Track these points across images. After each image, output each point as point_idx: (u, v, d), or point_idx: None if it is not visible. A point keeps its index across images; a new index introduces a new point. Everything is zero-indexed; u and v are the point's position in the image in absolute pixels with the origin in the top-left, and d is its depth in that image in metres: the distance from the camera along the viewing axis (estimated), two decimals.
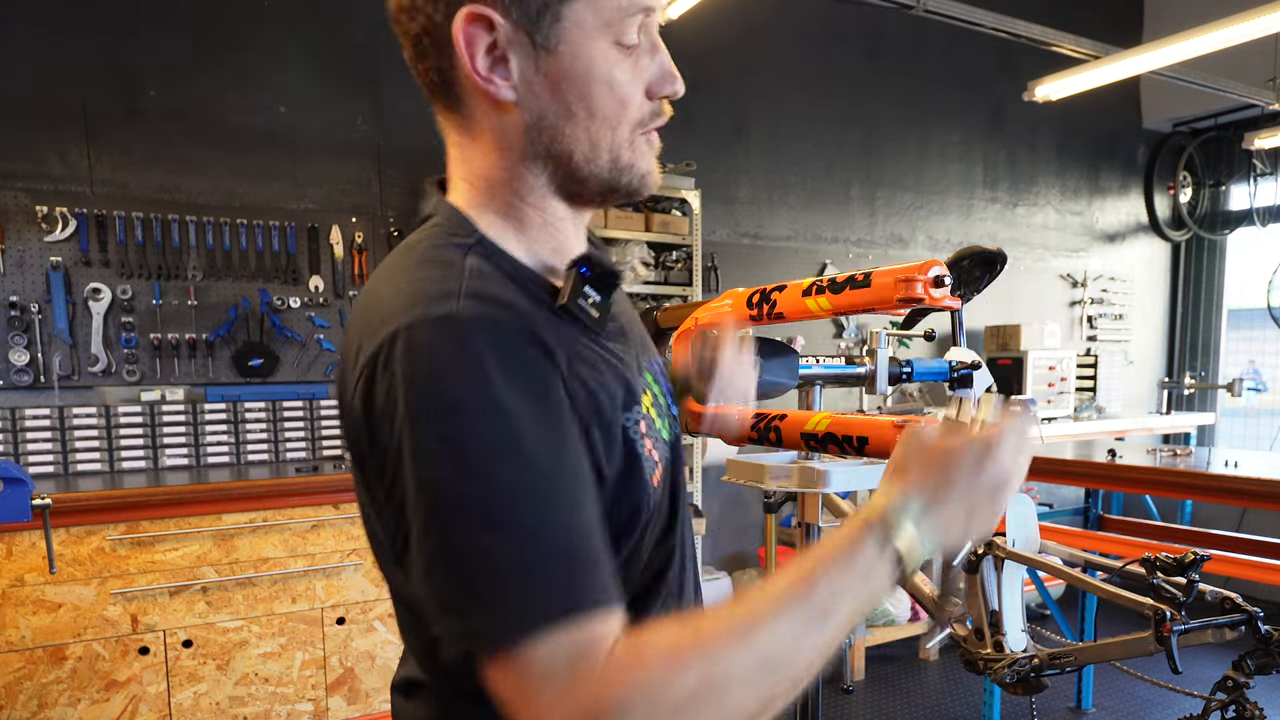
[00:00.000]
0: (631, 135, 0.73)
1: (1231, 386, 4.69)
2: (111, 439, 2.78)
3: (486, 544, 0.57)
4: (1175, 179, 5.68)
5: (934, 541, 0.67)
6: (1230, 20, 2.85)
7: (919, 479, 0.68)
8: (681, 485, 0.84)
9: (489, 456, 0.58)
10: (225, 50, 3.03)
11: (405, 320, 0.61)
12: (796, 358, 1.11)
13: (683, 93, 0.75)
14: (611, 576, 0.61)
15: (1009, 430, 0.70)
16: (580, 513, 0.61)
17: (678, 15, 2.74)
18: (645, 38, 0.73)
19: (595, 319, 0.72)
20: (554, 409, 0.62)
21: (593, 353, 0.71)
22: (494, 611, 0.57)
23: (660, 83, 0.74)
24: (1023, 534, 1.37)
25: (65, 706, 2.32)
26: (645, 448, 0.72)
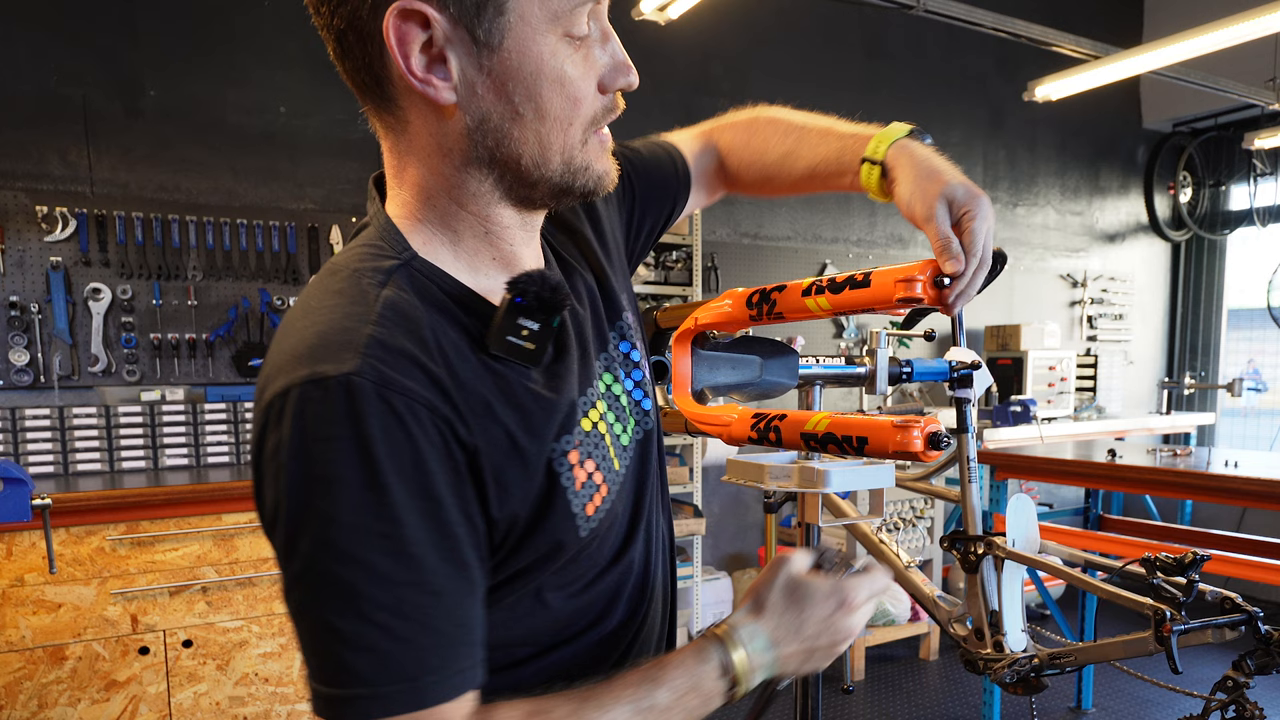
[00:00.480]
0: (585, 134, 0.68)
1: (1231, 386, 4.68)
2: (111, 439, 2.78)
3: (341, 628, 0.58)
4: (1175, 179, 5.68)
5: (769, 672, 0.72)
6: (1230, 20, 2.84)
7: (773, 613, 0.73)
8: (648, 490, 0.82)
9: (355, 542, 0.58)
10: (225, 50, 3.03)
11: (301, 375, 0.59)
12: (796, 358, 1.11)
13: (637, 84, 0.70)
14: (468, 659, 0.62)
15: (866, 590, 0.75)
16: (440, 603, 0.60)
17: (678, 15, 2.74)
18: (595, 26, 0.67)
19: (530, 352, 0.67)
20: (432, 489, 0.60)
21: (520, 389, 0.67)
22: (337, 693, 0.58)
23: (613, 75, 0.69)
24: (1023, 534, 1.37)
25: (65, 706, 2.32)
26: (575, 478, 0.70)
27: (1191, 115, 5.47)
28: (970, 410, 1.35)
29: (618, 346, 0.83)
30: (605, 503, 0.73)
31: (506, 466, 0.65)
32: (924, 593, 1.54)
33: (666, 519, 0.91)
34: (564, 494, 0.69)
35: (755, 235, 4.21)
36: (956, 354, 1.25)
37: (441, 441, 0.61)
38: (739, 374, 1.12)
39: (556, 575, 0.72)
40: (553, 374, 0.71)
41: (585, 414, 0.73)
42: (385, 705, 0.58)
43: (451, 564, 0.61)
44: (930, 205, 0.81)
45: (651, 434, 0.84)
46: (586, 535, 0.71)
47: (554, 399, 0.69)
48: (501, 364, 0.67)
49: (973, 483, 1.39)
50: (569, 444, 0.70)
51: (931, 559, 3.90)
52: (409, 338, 0.62)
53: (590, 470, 0.71)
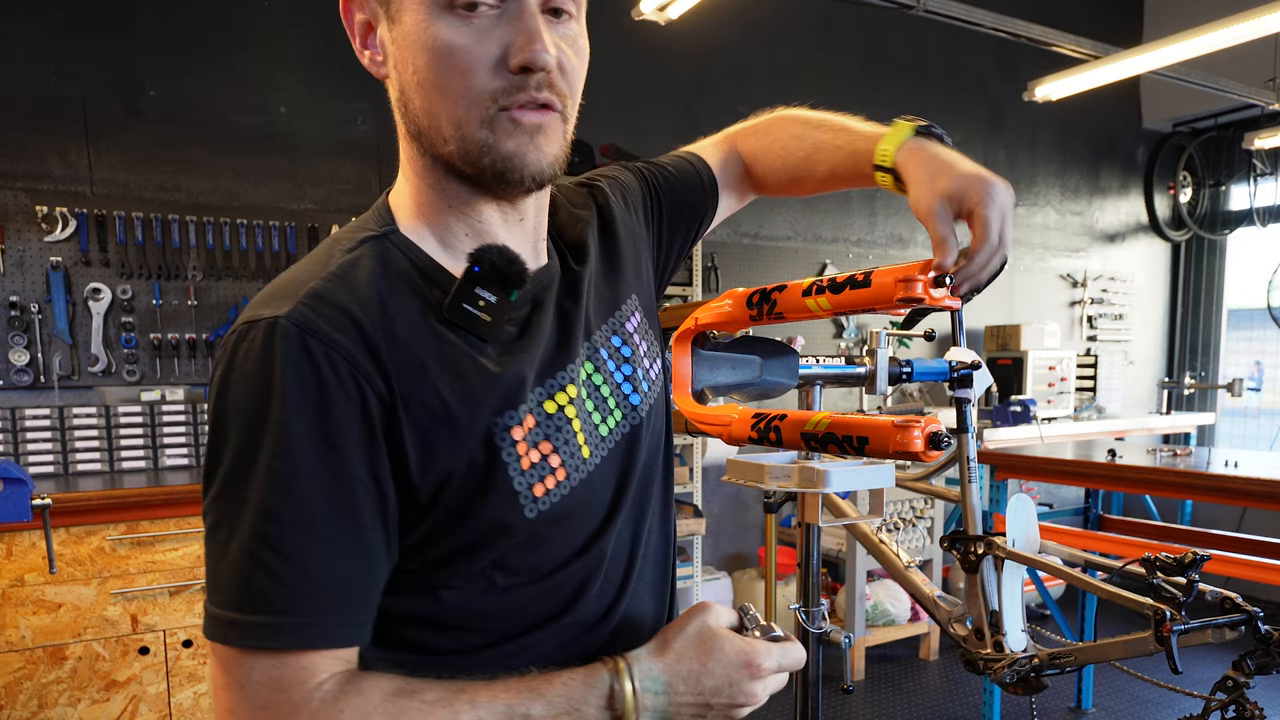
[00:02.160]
0: (484, 111, 0.66)
1: (1231, 386, 4.68)
2: (111, 439, 2.78)
3: (234, 550, 0.61)
4: (1175, 179, 5.68)
5: (656, 717, 0.69)
6: (1230, 20, 2.84)
7: (676, 659, 0.70)
8: (631, 484, 0.80)
9: (251, 475, 0.61)
10: (225, 50, 3.03)
11: (246, 317, 0.65)
12: (796, 358, 1.11)
13: (541, 60, 0.65)
14: (346, 617, 0.63)
15: (777, 659, 0.72)
16: (322, 552, 0.62)
17: (678, 15, 2.74)
18: (511, 3, 0.65)
19: (485, 324, 0.69)
20: (334, 438, 0.62)
21: (464, 358, 0.68)
22: (212, 610, 0.62)
23: (512, 51, 0.65)
24: (1023, 534, 1.37)
25: (65, 706, 2.32)
26: (520, 455, 0.69)
27: (1191, 115, 5.47)
28: (970, 410, 1.35)
29: (609, 339, 0.82)
30: (563, 488, 0.72)
31: (434, 430, 0.66)
32: (924, 593, 1.54)
33: (665, 517, 0.89)
34: (505, 470, 0.68)
35: (755, 235, 4.21)
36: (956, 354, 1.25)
37: (358, 396, 0.63)
38: (739, 374, 1.12)
39: (510, 558, 0.71)
40: (509, 350, 0.71)
41: (551, 396, 0.73)
42: (244, 634, 0.60)
43: (343, 517, 0.63)
44: (931, 203, 0.81)
45: (640, 429, 0.82)
46: (535, 517, 0.70)
47: (498, 373, 0.69)
48: (456, 334, 0.68)
49: (973, 483, 1.39)
50: (513, 420, 0.69)
51: (931, 559, 3.90)
52: (350, 295, 0.65)
53: (545, 452, 0.71)
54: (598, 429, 0.77)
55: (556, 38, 0.67)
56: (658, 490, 0.87)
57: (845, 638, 1.17)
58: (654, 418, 0.85)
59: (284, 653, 0.61)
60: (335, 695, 0.62)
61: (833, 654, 3.74)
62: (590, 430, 0.76)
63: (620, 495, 0.79)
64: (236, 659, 0.61)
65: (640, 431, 0.82)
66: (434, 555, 0.69)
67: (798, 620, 1.17)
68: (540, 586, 0.74)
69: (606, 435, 0.78)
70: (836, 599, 3.91)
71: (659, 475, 0.87)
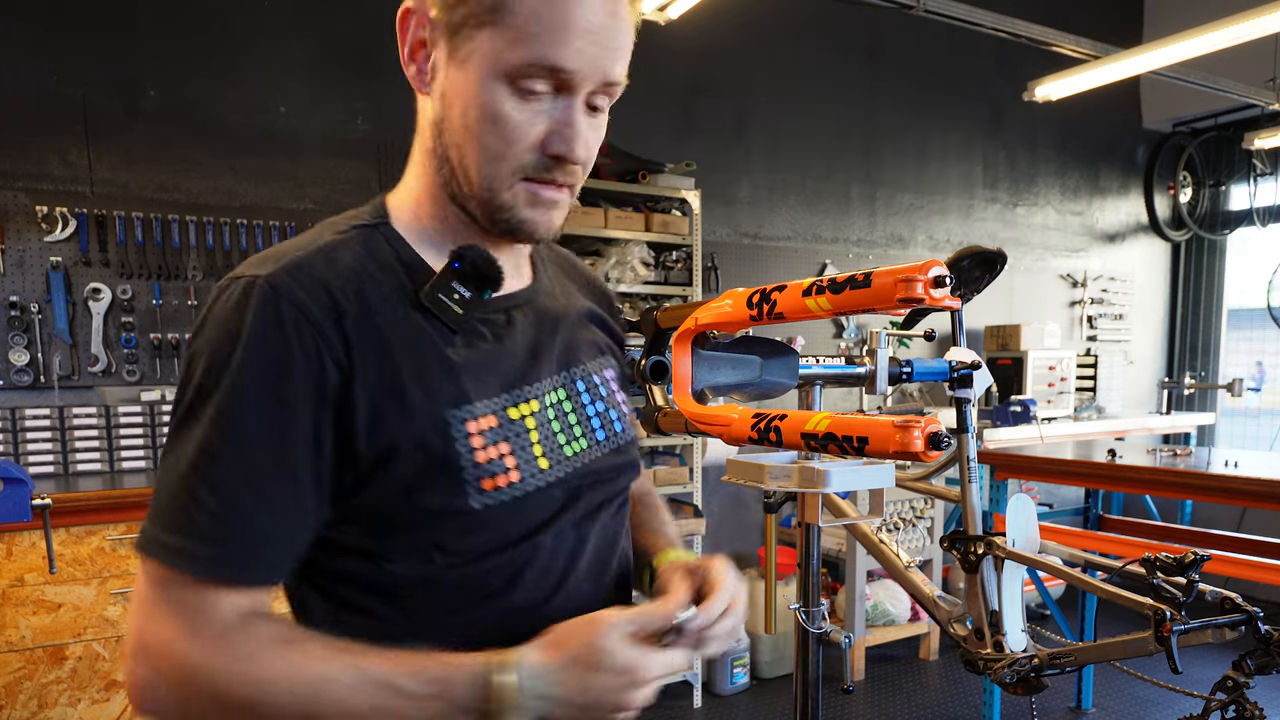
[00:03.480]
0: (512, 177, 0.74)
1: (1231, 386, 4.69)
2: (111, 439, 2.78)
3: (175, 477, 0.68)
4: (1175, 179, 5.68)
5: (533, 715, 0.68)
6: (1230, 20, 2.84)
7: (564, 663, 0.70)
8: (581, 501, 0.83)
9: (202, 412, 0.68)
10: (225, 50, 3.03)
11: (235, 273, 0.72)
12: (796, 358, 1.11)
13: (577, 157, 0.74)
14: (259, 560, 0.69)
15: (660, 668, 0.72)
16: (250, 494, 0.68)
17: (678, 15, 2.74)
18: (570, 96, 0.73)
19: (456, 315, 0.75)
20: (285, 393, 0.68)
21: (429, 346, 0.74)
22: (154, 530, 0.68)
23: (550, 138, 0.73)
24: (1023, 534, 1.37)
25: (65, 706, 2.32)
26: (474, 448, 0.74)
27: (1191, 115, 5.47)
28: (970, 410, 1.35)
29: (589, 375, 0.90)
30: (514, 490, 0.76)
31: (387, 404, 0.71)
32: (924, 593, 1.54)
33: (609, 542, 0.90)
34: (457, 459, 0.73)
35: (755, 235, 4.21)
36: (956, 354, 1.26)
37: (317, 357, 0.69)
38: (739, 374, 1.12)
39: (451, 541, 0.75)
40: (477, 350, 0.77)
41: (515, 405, 0.79)
42: (169, 554, 0.67)
43: (278, 468, 0.68)
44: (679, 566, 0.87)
45: (600, 463, 0.87)
46: (481, 509, 0.74)
47: (460, 364, 0.75)
48: (428, 321, 0.75)
49: (973, 483, 1.39)
50: (469, 414, 0.75)
51: (931, 559, 3.90)
52: (329, 270, 0.72)
53: (502, 452, 0.76)
54: (561, 448, 0.82)
55: (590, 131, 0.75)
56: (611, 518, 0.90)
57: (845, 638, 1.17)
58: (620, 458, 0.90)
59: (198, 580, 0.67)
60: (231, 629, 0.67)
61: (833, 654, 3.74)
62: (552, 447, 0.81)
63: (567, 508, 0.82)
64: (157, 575, 0.68)
65: (600, 466, 0.87)
66: (380, 526, 0.74)
67: (798, 620, 1.17)
68: (476, 568, 0.77)
69: (570, 455, 0.83)
70: (836, 599, 3.91)
71: (615, 509, 0.91)
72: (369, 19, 3.23)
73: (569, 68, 0.71)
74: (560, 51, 0.70)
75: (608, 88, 0.75)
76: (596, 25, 0.71)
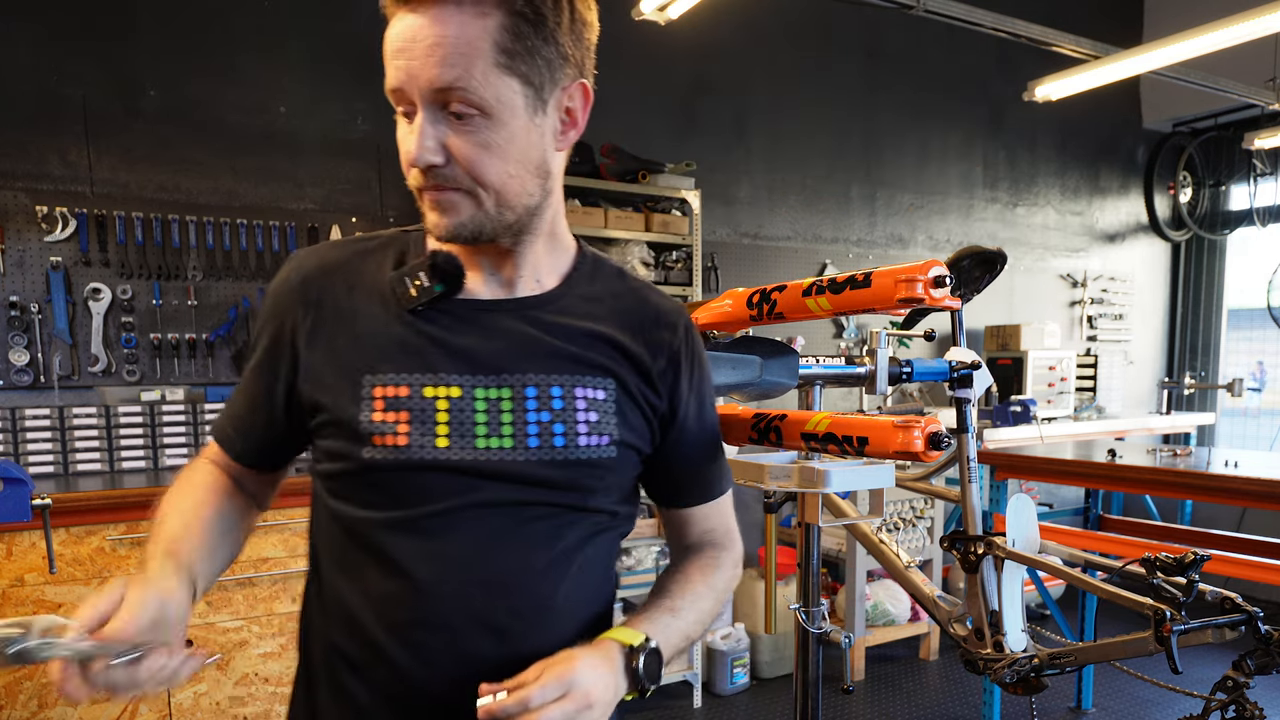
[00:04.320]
0: (416, 191, 0.86)
1: (1231, 386, 4.68)
2: (111, 439, 2.78)
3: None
4: (1175, 179, 5.68)
5: None
6: (1230, 20, 2.84)
7: None
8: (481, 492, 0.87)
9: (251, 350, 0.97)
10: (225, 50, 3.03)
11: None
12: (796, 358, 1.11)
13: (421, 163, 0.81)
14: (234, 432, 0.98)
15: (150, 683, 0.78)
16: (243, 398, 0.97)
17: (678, 15, 2.74)
18: (412, 112, 0.82)
19: (409, 296, 0.88)
20: (271, 328, 0.92)
21: (374, 314, 0.89)
22: None
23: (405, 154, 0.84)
24: (1023, 534, 1.37)
25: (65, 706, 2.32)
26: (374, 408, 0.86)
27: (1191, 115, 5.47)
28: (970, 410, 1.35)
29: (548, 389, 0.90)
30: (400, 453, 0.85)
31: (326, 358, 0.89)
32: (924, 593, 1.54)
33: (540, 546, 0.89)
34: (359, 410, 0.86)
35: (755, 235, 4.21)
36: (956, 354, 1.26)
37: (291, 303, 0.91)
38: (739, 374, 1.12)
39: (355, 488, 0.88)
40: (422, 333, 0.89)
41: (434, 385, 0.88)
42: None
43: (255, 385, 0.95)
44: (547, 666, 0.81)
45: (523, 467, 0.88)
46: (368, 460, 0.85)
47: (390, 336, 0.88)
48: (388, 305, 0.89)
49: (973, 483, 1.39)
50: (377, 380, 0.87)
51: (931, 559, 3.90)
52: (336, 252, 0.95)
53: (399, 419, 0.86)
54: (475, 439, 0.87)
55: (456, 138, 0.81)
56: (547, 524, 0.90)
57: (845, 638, 1.17)
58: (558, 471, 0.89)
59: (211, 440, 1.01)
60: (199, 462, 1.00)
61: (833, 654, 3.74)
62: (462, 433, 0.87)
63: (472, 493, 0.87)
64: None
65: (525, 469, 0.88)
66: (322, 450, 0.91)
67: (798, 620, 1.17)
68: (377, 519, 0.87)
69: (482, 448, 0.87)
70: (836, 599, 3.91)
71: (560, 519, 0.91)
72: (369, 19, 3.22)
73: (392, 86, 0.81)
74: (389, 75, 0.81)
75: (441, 95, 0.79)
76: (408, 38, 0.78)
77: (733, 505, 1.12)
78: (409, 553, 0.86)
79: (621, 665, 0.85)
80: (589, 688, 0.79)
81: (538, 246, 0.93)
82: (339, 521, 0.90)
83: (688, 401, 1.01)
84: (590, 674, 0.80)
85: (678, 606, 0.97)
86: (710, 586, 1.02)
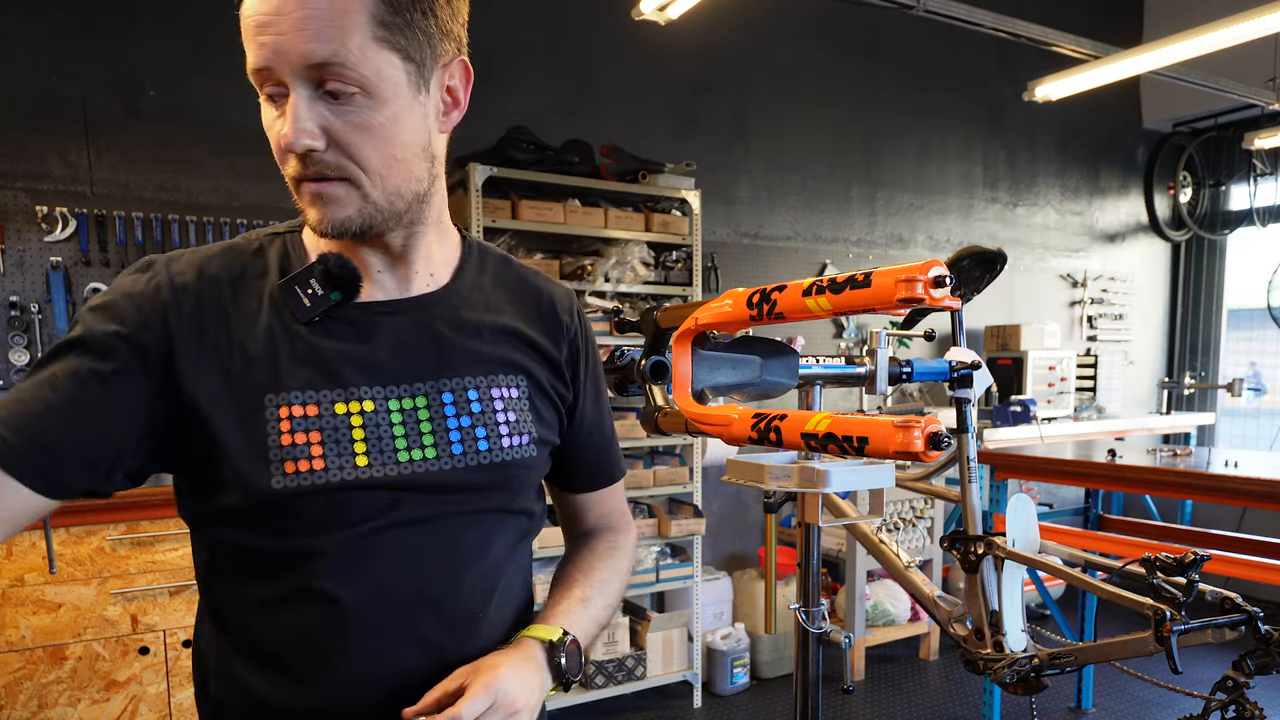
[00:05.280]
0: (291, 181, 0.79)
1: (1231, 386, 4.69)
2: None
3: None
4: (1175, 179, 5.68)
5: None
6: (1230, 20, 2.84)
7: None
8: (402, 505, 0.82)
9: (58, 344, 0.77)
10: (225, 50, 3.01)
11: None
12: (796, 358, 1.11)
13: (294, 144, 0.74)
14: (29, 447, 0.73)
15: None
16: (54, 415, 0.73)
17: (678, 15, 2.74)
18: (283, 94, 0.74)
19: (304, 308, 0.81)
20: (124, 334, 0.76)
21: (264, 329, 0.80)
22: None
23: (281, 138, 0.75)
24: (1023, 534, 1.37)
25: (65, 706, 2.32)
26: (280, 430, 0.78)
27: (1191, 115, 5.47)
28: (970, 410, 1.35)
29: (464, 391, 0.88)
30: (316, 477, 0.78)
31: (210, 376, 0.78)
32: (924, 593, 1.54)
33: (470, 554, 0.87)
34: (265, 436, 0.78)
35: (755, 235, 4.21)
36: (956, 354, 1.26)
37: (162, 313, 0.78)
38: (739, 374, 1.12)
39: (260, 518, 0.79)
40: (317, 345, 0.81)
41: (345, 401, 0.81)
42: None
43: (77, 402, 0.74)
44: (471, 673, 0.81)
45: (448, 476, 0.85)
46: (280, 489, 0.77)
47: (284, 353, 0.80)
48: (278, 316, 0.81)
49: (973, 483, 1.39)
50: (285, 400, 0.79)
51: (931, 559, 3.90)
52: (206, 261, 0.83)
53: (312, 440, 0.79)
54: (396, 453, 0.82)
55: (334, 119, 0.74)
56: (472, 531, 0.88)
57: (845, 638, 1.18)
58: (482, 475, 0.87)
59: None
60: None
61: (833, 654, 3.75)
62: (381, 448, 0.82)
63: (397, 508, 0.82)
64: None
65: (451, 478, 0.85)
66: (206, 487, 0.80)
67: (798, 620, 1.17)
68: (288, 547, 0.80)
69: (405, 461, 0.83)
70: (836, 599, 3.91)
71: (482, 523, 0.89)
72: None
73: (256, 65, 0.73)
74: (251, 54, 0.73)
75: (315, 71, 0.72)
76: (272, 10, 0.70)
77: (623, 488, 1.14)
78: (334, 578, 0.80)
79: (544, 662, 0.85)
80: (515, 694, 0.79)
81: (429, 238, 0.88)
82: (243, 556, 0.81)
83: (586, 387, 1.01)
84: (515, 679, 0.80)
85: (588, 596, 0.97)
86: (615, 571, 1.03)
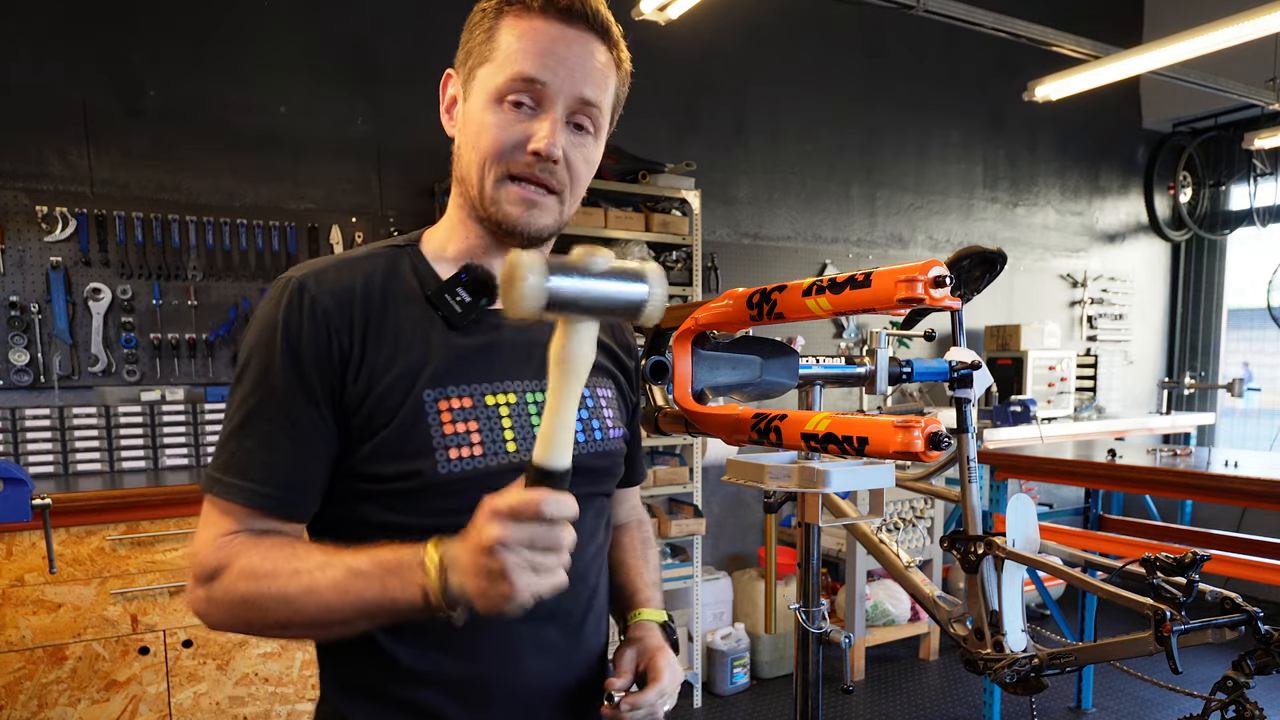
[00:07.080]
0: (500, 175, 0.89)
1: (1231, 386, 4.69)
2: (111, 439, 2.78)
3: (225, 430, 0.87)
4: (1175, 179, 5.68)
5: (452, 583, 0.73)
6: (1230, 20, 2.85)
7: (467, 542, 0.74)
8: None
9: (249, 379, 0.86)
10: (225, 50, 3.03)
11: (283, 275, 0.91)
12: (796, 358, 1.11)
13: (551, 153, 0.87)
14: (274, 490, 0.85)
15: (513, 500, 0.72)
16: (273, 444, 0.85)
17: (678, 15, 2.74)
18: (547, 109, 0.88)
19: (456, 314, 0.91)
20: (303, 367, 0.85)
21: (424, 333, 0.90)
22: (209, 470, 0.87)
23: (530, 139, 0.88)
24: (1023, 534, 1.37)
25: (65, 706, 2.32)
26: (442, 421, 0.87)
27: (1191, 115, 5.47)
28: (970, 410, 1.35)
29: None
30: (476, 462, 0.88)
31: (381, 377, 0.87)
32: (924, 593, 1.54)
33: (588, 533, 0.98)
34: (428, 427, 0.87)
35: (755, 235, 4.21)
36: (956, 354, 1.26)
37: (326, 341, 0.86)
38: (739, 374, 1.12)
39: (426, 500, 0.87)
40: (467, 345, 0.92)
41: (494, 393, 0.92)
42: (208, 484, 0.86)
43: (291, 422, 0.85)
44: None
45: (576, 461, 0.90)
46: (445, 474, 0.86)
47: (443, 352, 0.90)
48: (431, 320, 0.91)
49: (973, 483, 1.39)
50: (444, 394, 0.89)
51: (931, 559, 3.90)
52: (348, 274, 0.90)
53: (471, 429, 0.89)
54: (503, 443, 0.92)
55: (571, 144, 0.90)
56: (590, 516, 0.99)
57: (845, 638, 1.17)
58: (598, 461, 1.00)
59: (222, 500, 0.85)
60: (233, 542, 0.83)
61: (833, 654, 3.73)
62: (525, 434, 0.92)
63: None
64: (206, 502, 0.87)
65: (583, 460, 0.95)
66: (377, 478, 0.87)
67: (798, 620, 1.17)
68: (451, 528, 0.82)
69: (514, 449, 0.92)
70: (836, 599, 3.91)
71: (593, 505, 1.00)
72: (369, 19, 3.23)
73: (540, 78, 0.86)
74: (531, 65, 0.86)
75: (583, 106, 0.89)
76: (564, 45, 0.87)
77: None
78: None
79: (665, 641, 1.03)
80: (676, 669, 0.98)
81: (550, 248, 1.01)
82: (387, 531, 0.85)
83: (638, 394, 1.17)
84: (671, 658, 0.99)
85: (657, 580, 1.15)
86: (652, 557, 1.21)
